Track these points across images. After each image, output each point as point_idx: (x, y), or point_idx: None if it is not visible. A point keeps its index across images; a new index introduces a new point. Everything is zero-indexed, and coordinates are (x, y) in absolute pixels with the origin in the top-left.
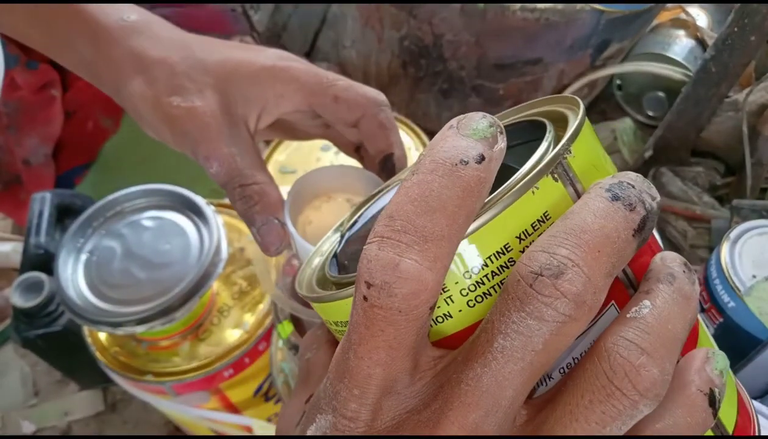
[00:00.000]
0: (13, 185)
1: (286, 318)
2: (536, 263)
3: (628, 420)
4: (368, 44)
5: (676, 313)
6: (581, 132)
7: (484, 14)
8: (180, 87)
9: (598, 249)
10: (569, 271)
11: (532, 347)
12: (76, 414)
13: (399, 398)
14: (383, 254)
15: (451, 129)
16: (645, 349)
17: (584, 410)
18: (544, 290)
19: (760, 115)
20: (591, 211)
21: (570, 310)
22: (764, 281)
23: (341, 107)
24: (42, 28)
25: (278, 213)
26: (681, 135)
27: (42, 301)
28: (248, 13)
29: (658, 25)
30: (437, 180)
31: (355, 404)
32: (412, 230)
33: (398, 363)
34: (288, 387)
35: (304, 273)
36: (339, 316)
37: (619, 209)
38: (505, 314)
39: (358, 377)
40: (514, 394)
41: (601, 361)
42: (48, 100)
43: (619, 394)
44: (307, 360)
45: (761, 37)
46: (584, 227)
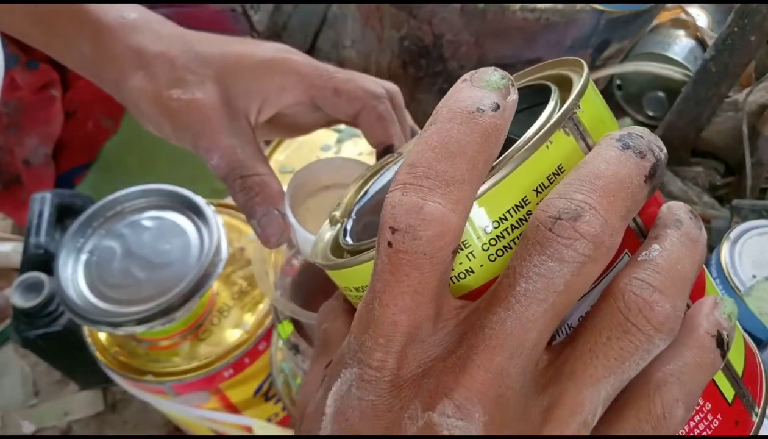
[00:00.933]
0: (13, 185)
1: (286, 318)
2: (554, 208)
3: (645, 355)
4: (368, 44)
5: (684, 254)
6: (587, 89)
7: (484, 14)
8: (180, 80)
9: (613, 193)
10: (586, 213)
11: (554, 288)
12: (76, 414)
13: (423, 346)
14: (407, 198)
15: (464, 82)
16: (657, 287)
17: (603, 347)
18: (564, 233)
19: (760, 115)
20: (604, 159)
21: (589, 250)
22: (764, 281)
23: (341, 100)
24: (43, 27)
25: (279, 204)
26: (681, 135)
27: (42, 301)
28: (248, 13)
29: (658, 25)
30: (456, 127)
31: (381, 353)
32: (433, 174)
33: (422, 309)
34: (288, 387)
35: (317, 246)
36: (359, 281)
37: (630, 157)
38: (526, 258)
39: (383, 326)
40: (537, 336)
41: (616, 300)
42: (48, 100)
43: (635, 330)
44: (324, 330)
45: (761, 37)
46: (598, 174)
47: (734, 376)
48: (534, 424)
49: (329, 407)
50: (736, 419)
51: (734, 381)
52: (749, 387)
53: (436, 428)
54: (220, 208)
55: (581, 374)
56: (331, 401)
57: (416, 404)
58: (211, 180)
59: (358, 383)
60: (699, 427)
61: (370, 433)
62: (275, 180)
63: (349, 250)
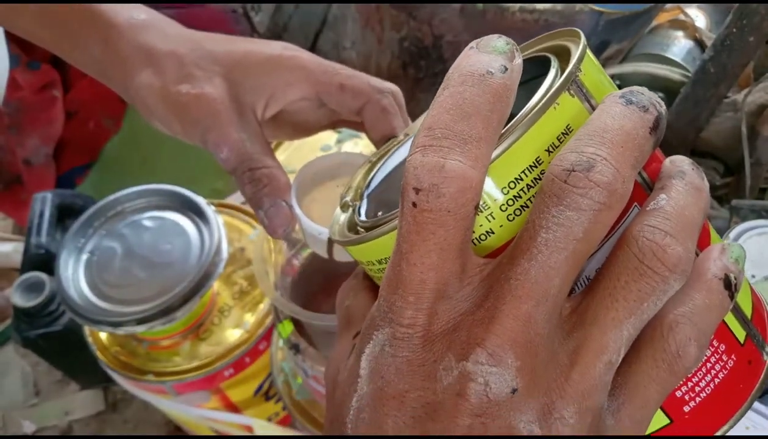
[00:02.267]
0: (14, 185)
1: (287, 318)
2: (567, 161)
3: (662, 295)
4: (368, 45)
5: (690, 201)
6: (586, 53)
7: (484, 15)
8: (189, 76)
9: (621, 144)
10: (598, 164)
11: (573, 236)
12: (77, 414)
13: (451, 302)
14: (428, 158)
15: (471, 49)
16: (668, 231)
17: (622, 290)
18: (579, 183)
19: (759, 116)
20: (609, 115)
21: (604, 198)
22: (763, 281)
23: (346, 95)
24: (53, 28)
25: (286, 196)
26: (680, 135)
27: (43, 301)
28: (249, 14)
29: (656, 26)
30: (468, 89)
31: (411, 311)
32: (451, 135)
33: (449, 265)
34: (288, 386)
35: (333, 229)
36: (381, 253)
37: (634, 111)
38: (544, 210)
39: (412, 284)
40: (560, 282)
41: (631, 246)
42: (49, 101)
43: (650, 272)
44: (346, 307)
45: (760, 38)
46: (606, 128)
47: (744, 318)
48: (562, 367)
49: (363, 368)
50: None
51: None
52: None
53: (471, 376)
54: (220, 208)
55: (604, 317)
56: (365, 362)
57: (449, 356)
58: (211, 180)
59: (391, 342)
60: (716, 367)
61: (408, 386)
62: (283, 172)
63: (366, 227)
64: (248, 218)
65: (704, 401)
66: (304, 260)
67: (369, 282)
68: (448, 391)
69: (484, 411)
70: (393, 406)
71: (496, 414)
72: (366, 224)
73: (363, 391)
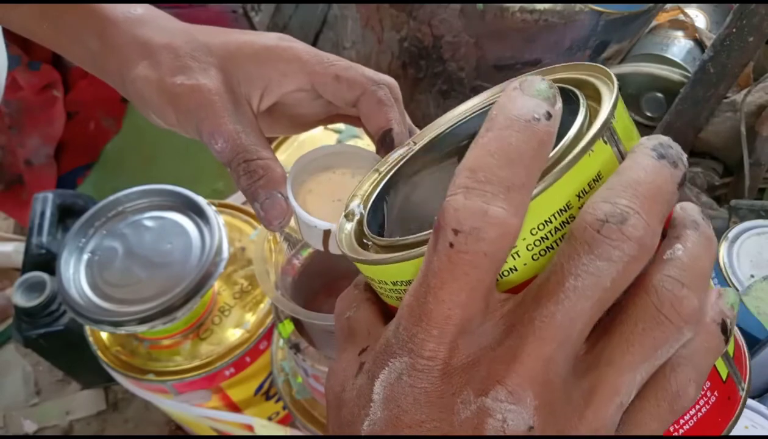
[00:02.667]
0: (15, 185)
1: (287, 317)
2: (601, 211)
3: (675, 344)
4: (368, 45)
5: (703, 253)
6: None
7: (484, 15)
8: (184, 67)
9: (652, 199)
10: (632, 217)
11: (601, 285)
12: (78, 413)
13: (473, 337)
14: (471, 202)
15: (515, 90)
16: (684, 283)
17: (639, 336)
18: (612, 235)
19: (758, 116)
20: (642, 167)
21: (635, 251)
22: (762, 281)
23: (342, 86)
24: (50, 23)
25: (281, 187)
26: (679, 135)
27: (44, 300)
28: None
29: (656, 26)
30: (514, 135)
31: (433, 344)
32: (495, 180)
33: (475, 304)
34: (289, 386)
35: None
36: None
37: (665, 166)
38: (575, 257)
39: (437, 319)
40: (582, 328)
41: (650, 295)
42: (50, 101)
43: (667, 322)
44: (347, 319)
45: (759, 38)
46: (638, 181)
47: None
48: (577, 406)
49: (377, 394)
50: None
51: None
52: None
53: (490, 412)
54: (221, 209)
55: (620, 361)
56: (379, 388)
57: (468, 390)
58: (212, 180)
59: (409, 372)
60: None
61: (425, 417)
62: (278, 164)
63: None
64: (249, 218)
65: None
66: (304, 260)
67: (371, 294)
68: (465, 424)
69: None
70: (408, 435)
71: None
72: (381, 243)
73: (376, 416)
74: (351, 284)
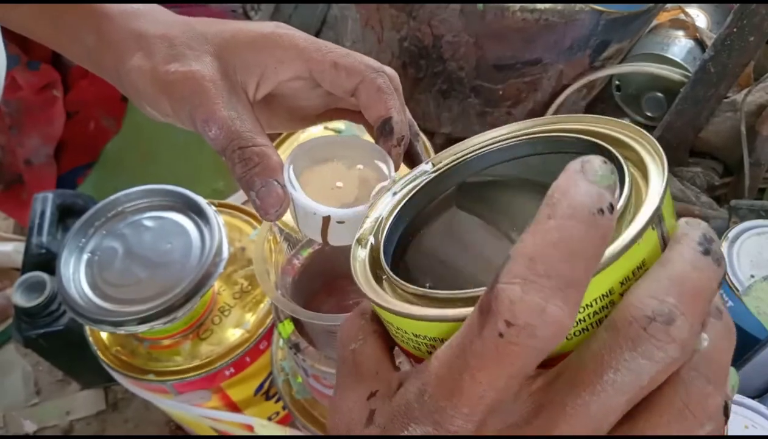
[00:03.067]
0: (15, 185)
1: (287, 318)
2: (648, 308)
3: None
4: (368, 45)
5: (726, 346)
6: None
7: (484, 15)
8: (178, 55)
9: (698, 299)
10: (678, 319)
11: (639, 383)
12: (78, 413)
13: (501, 415)
14: (529, 298)
15: (578, 174)
16: (710, 380)
17: (663, 428)
18: (658, 335)
19: (758, 116)
20: (689, 262)
21: (678, 353)
22: (762, 281)
23: (340, 73)
24: (49, 23)
25: (278, 175)
26: (679, 135)
27: (44, 300)
28: (248, 14)
29: (657, 26)
30: (578, 227)
31: (461, 421)
32: (555, 275)
33: (512, 389)
34: (289, 386)
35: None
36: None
37: (710, 264)
38: (617, 351)
39: (470, 398)
40: (614, 420)
41: (678, 390)
42: (49, 101)
43: (692, 417)
44: (352, 351)
45: (760, 38)
46: (685, 278)
47: None
48: None
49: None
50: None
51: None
52: None
53: None
54: (221, 208)
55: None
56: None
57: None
58: (212, 180)
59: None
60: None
61: None
62: (274, 151)
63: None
64: (249, 218)
65: None
66: (304, 260)
67: (378, 326)
68: None
69: None
70: None
71: None
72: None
73: None
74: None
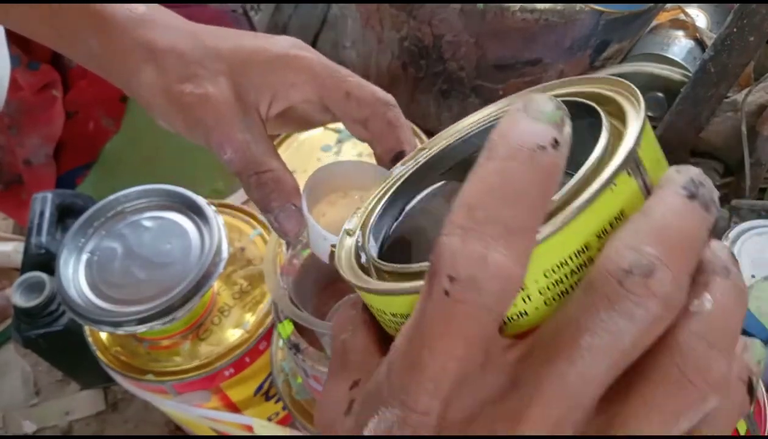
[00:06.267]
0: (15, 185)
1: (287, 318)
2: (625, 260)
3: (699, 413)
4: (368, 45)
5: (734, 306)
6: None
7: (484, 15)
8: (192, 75)
9: (682, 248)
10: (658, 271)
11: (620, 347)
12: (77, 414)
13: (470, 389)
14: (468, 247)
15: (519, 112)
16: (713, 343)
17: (659, 401)
18: (636, 289)
19: (759, 116)
20: (671, 209)
21: (660, 310)
22: (763, 281)
23: (351, 104)
24: (50, 24)
25: (294, 199)
26: (680, 135)
27: (43, 301)
28: (249, 14)
29: (657, 26)
30: (517, 167)
31: (427, 398)
32: (496, 221)
33: (474, 357)
34: (289, 386)
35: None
36: (395, 308)
37: (696, 209)
38: (593, 312)
39: (431, 372)
40: (595, 390)
41: (674, 355)
42: (49, 101)
43: (691, 387)
44: (342, 342)
45: (760, 38)
46: (667, 225)
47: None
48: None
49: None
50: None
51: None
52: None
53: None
54: (220, 209)
55: (635, 426)
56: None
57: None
58: (212, 180)
59: (401, 426)
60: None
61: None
62: (289, 175)
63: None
64: (248, 218)
65: None
66: (304, 260)
67: (368, 316)
68: None
69: None
70: None
71: None
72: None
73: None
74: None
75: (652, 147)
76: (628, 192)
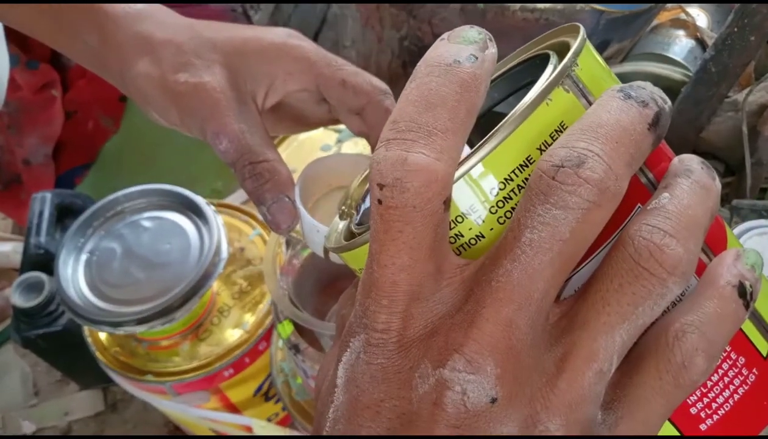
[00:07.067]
0: (14, 185)
1: (287, 318)
2: (556, 157)
3: (659, 299)
4: (368, 44)
5: (695, 201)
6: (585, 47)
7: (484, 14)
8: (187, 64)
9: (616, 140)
10: (590, 160)
11: (559, 236)
12: (77, 414)
13: (428, 304)
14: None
15: (441, 40)
16: (667, 231)
17: (615, 293)
18: (567, 180)
19: (759, 115)
20: (605, 109)
21: (594, 196)
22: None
23: (348, 92)
24: (48, 21)
25: (288, 191)
26: (681, 135)
27: (42, 301)
28: (248, 14)
29: (657, 26)
30: (434, 80)
31: (385, 315)
32: (415, 127)
33: (421, 266)
34: (288, 387)
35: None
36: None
37: (632, 106)
38: (530, 209)
39: (384, 287)
40: (545, 286)
41: (626, 246)
42: (48, 101)
43: (647, 274)
44: (342, 316)
45: (761, 37)
46: (600, 122)
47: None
48: (548, 375)
49: (340, 378)
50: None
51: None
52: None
53: (448, 384)
54: (220, 208)
55: (594, 322)
56: (342, 371)
57: (426, 362)
58: (211, 180)
59: (365, 348)
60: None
61: (383, 395)
62: (284, 166)
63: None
64: (248, 218)
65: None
66: (304, 260)
67: None
68: (424, 400)
69: (462, 422)
70: (368, 416)
71: (474, 425)
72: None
73: (339, 401)
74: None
75: (595, 68)
76: (567, 107)
